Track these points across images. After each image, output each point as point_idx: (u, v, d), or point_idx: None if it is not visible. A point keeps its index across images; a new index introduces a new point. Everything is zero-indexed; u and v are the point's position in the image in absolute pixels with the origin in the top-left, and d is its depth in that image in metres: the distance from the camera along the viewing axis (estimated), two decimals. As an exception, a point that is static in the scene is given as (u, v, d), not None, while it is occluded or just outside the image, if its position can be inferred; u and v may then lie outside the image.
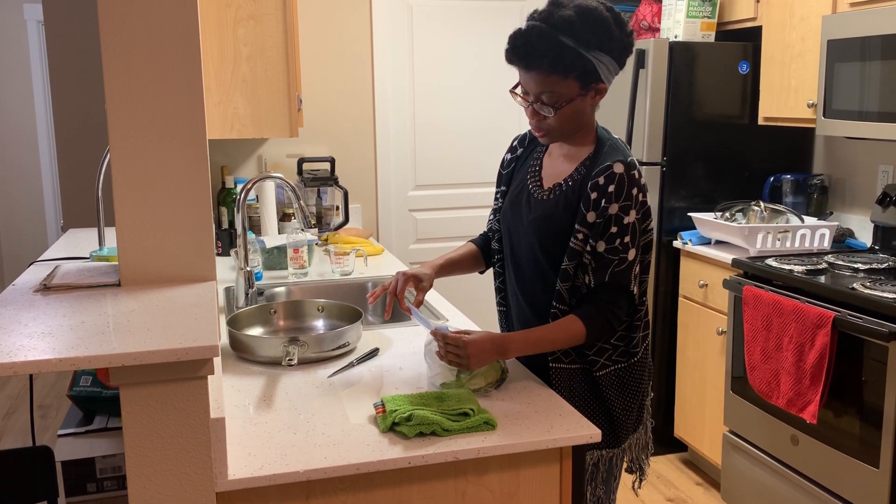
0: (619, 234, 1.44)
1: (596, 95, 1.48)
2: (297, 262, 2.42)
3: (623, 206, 1.43)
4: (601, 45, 1.42)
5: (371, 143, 3.49)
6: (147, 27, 1.36)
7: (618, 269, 1.45)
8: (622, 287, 1.46)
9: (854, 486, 2.12)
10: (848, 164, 2.95)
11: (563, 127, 1.48)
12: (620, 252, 1.44)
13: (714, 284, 2.75)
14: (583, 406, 1.54)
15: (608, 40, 1.42)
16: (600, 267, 1.45)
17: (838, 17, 2.44)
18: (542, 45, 1.39)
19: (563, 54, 1.40)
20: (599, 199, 1.43)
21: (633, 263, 1.46)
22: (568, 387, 1.53)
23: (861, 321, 2.05)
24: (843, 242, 2.79)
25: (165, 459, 1.17)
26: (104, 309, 1.29)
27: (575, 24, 1.39)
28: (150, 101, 1.37)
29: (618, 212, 1.43)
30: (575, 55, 1.40)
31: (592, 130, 1.53)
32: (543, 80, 1.43)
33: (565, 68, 1.41)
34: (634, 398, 1.55)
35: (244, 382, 1.54)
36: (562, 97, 1.44)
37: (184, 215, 1.40)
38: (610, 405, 1.54)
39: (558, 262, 1.51)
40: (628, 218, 1.44)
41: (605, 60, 1.43)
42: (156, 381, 1.15)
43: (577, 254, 1.46)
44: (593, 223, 1.44)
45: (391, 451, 1.24)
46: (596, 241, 1.44)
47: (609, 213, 1.43)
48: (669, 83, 2.95)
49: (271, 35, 1.91)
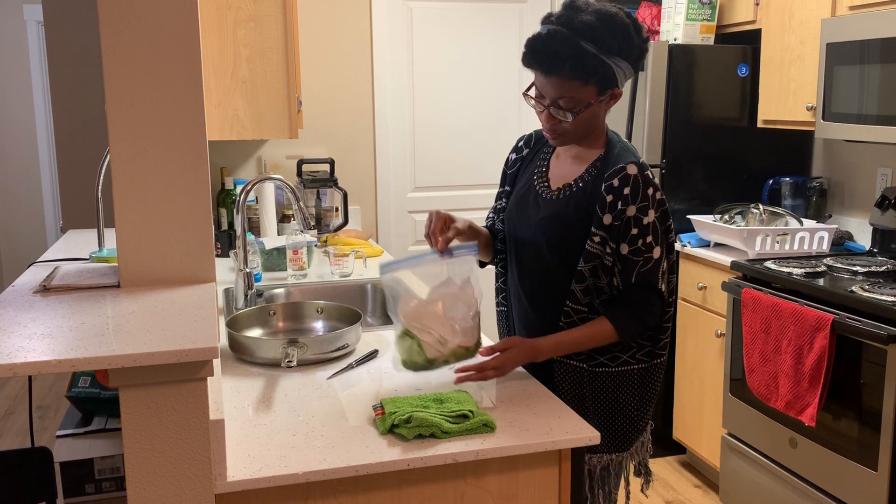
0: (640, 235, 1.44)
1: (611, 100, 1.48)
2: (296, 263, 2.42)
3: (640, 206, 1.44)
4: (621, 51, 1.41)
5: (370, 145, 3.49)
6: (147, 29, 1.36)
7: (644, 269, 1.45)
8: (651, 286, 1.46)
9: (852, 488, 2.12)
10: (847, 167, 2.96)
11: (577, 131, 1.48)
12: (644, 252, 1.45)
13: (713, 287, 2.76)
14: (587, 406, 1.54)
15: (628, 46, 1.42)
16: (626, 269, 1.45)
17: (837, 20, 2.45)
18: (564, 51, 1.38)
19: (584, 60, 1.39)
20: (616, 202, 1.43)
21: (660, 262, 1.47)
22: (575, 384, 1.53)
23: (860, 324, 2.05)
24: (841, 245, 2.80)
25: (165, 461, 1.17)
26: (104, 310, 1.29)
27: (597, 29, 1.39)
28: (151, 102, 1.37)
29: (636, 213, 1.43)
30: (596, 61, 1.39)
31: (603, 133, 1.54)
32: (563, 85, 1.42)
33: (586, 74, 1.40)
34: (650, 400, 1.56)
35: (243, 384, 1.54)
36: (580, 103, 1.43)
37: (183, 217, 1.40)
38: (624, 405, 1.53)
39: (565, 261, 1.51)
40: (647, 218, 1.44)
41: (623, 66, 1.43)
42: (155, 382, 1.14)
43: (594, 256, 1.46)
44: (610, 225, 1.44)
45: (390, 452, 1.24)
46: (618, 244, 1.44)
47: (627, 215, 1.43)
48: (669, 86, 2.95)
49: (271, 37, 1.92)
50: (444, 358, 1.46)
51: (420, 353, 1.44)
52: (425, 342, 1.43)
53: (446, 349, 1.45)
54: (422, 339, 1.43)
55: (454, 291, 1.47)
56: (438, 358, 1.45)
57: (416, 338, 1.44)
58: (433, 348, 1.44)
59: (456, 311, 1.45)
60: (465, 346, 1.47)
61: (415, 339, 1.44)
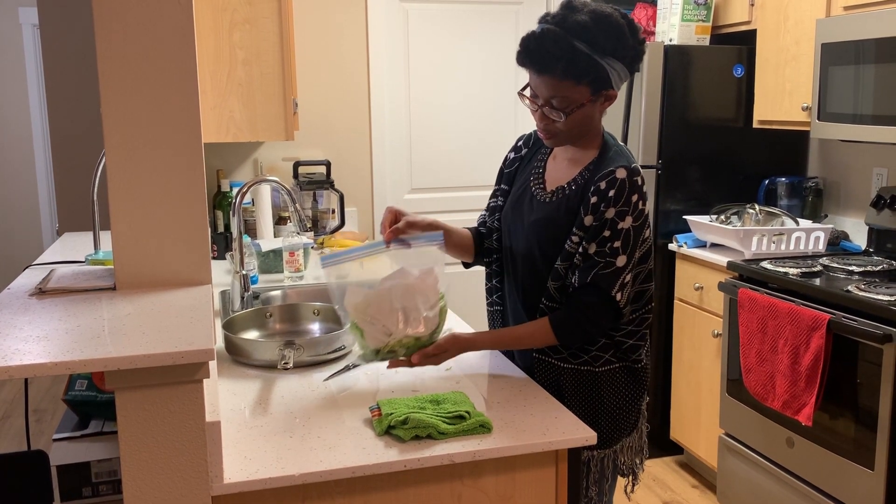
0: (610, 238, 1.43)
1: (605, 102, 1.47)
2: (292, 265, 2.42)
3: (620, 210, 1.43)
4: (615, 52, 1.41)
5: (367, 146, 3.49)
6: (142, 32, 1.36)
7: (602, 272, 1.44)
8: (603, 291, 1.44)
9: (849, 488, 2.12)
10: (842, 167, 2.96)
11: (571, 131, 1.48)
12: (608, 256, 1.44)
13: (709, 287, 2.76)
14: (570, 404, 1.54)
15: (622, 47, 1.41)
16: (586, 267, 1.45)
17: (832, 20, 2.45)
18: (556, 50, 1.38)
19: (576, 60, 1.39)
20: (598, 203, 1.43)
21: (622, 271, 1.44)
22: (554, 382, 1.54)
23: (856, 323, 2.05)
24: (837, 245, 2.80)
25: (161, 463, 1.16)
26: (99, 313, 1.29)
27: (590, 29, 1.38)
28: (146, 104, 1.37)
29: (614, 216, 1.43)
30: (589, 61, 1.39)
31: (599, 136, 1.53)
32: (556, 85, 1.42)
33: (578, 74, 1.40)
34: (632, 400, 1.56)
35: (240, 386, 1.54)
36: (572, 103, 1.43)
37: (179, 219, 1.40)
38: (605, 405, 1.53)
39: (552, 262, 1.51)
40: (623, 224, 1.43)
41: (617, 67, 1.43)
42: (151, 384, 1.14)
43: (571, 255, 1.47)
44: (589, 226, 1.45)
45: (387, 454, 1.24)
46: (588, 243, 1.45)
47: (605, 216, 1.43)
48: (664, 86, 2.96)
49: (267, 39, 1.92)
50: (390, 348, 1.45)
51: (364, 344, 1.45)
52: (368, 333, 1.43)
53: (392, 339, 1.44)
54: (364, 330, 1.44)
55: (409, 282, 1.45)
56: (383, 348, 1.44)
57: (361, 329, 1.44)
58: (376, 339, 1.44)
59: (408, 300, 1.43)
60: (416, 336, 1.45)
61: (360, 329, 1.44)
